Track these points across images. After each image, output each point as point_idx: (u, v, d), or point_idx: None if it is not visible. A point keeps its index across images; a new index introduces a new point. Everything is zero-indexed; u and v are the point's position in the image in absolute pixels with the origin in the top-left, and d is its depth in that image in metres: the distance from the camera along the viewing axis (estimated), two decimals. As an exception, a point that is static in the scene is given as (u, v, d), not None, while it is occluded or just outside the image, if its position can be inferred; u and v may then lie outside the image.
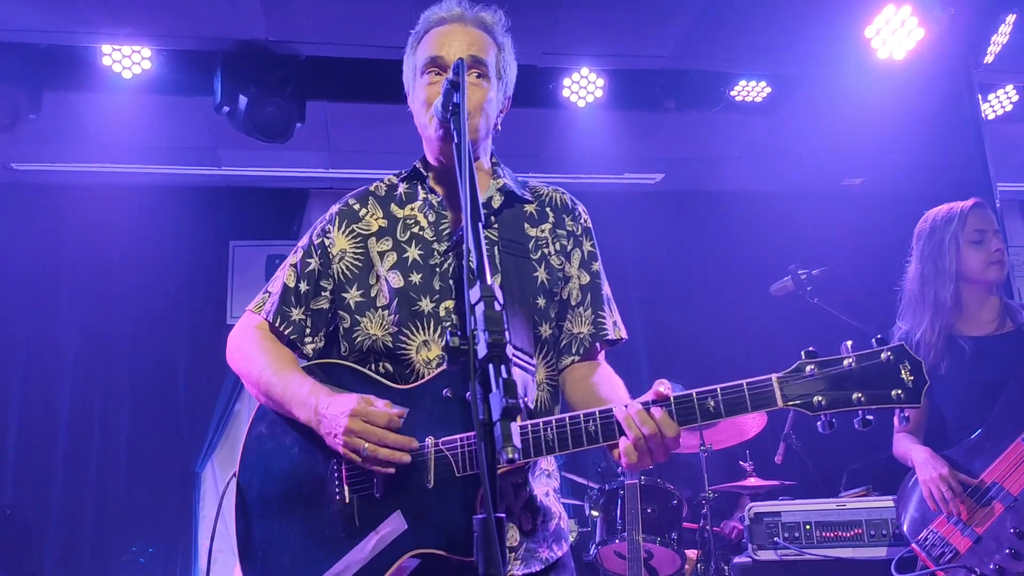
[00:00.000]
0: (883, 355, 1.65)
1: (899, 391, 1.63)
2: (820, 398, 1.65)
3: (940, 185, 7.35)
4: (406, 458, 1.77)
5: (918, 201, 7.35)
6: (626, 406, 1.72)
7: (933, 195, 7.45)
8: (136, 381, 6.94)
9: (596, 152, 6.69)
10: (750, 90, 6.02)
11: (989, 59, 5.20)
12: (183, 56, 5.43)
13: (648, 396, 1.73)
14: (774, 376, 1.68)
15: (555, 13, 5.15)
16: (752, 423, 5.19)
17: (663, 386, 1.71)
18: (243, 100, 5.32)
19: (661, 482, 4.90)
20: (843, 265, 5.52)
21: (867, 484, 4.67)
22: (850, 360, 1.66)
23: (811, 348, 1.70)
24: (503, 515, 1.31)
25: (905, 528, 3.28)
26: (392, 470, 1.77)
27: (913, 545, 3.18)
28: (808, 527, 3.96)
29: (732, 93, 6.01)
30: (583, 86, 5.83)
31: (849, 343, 1.68)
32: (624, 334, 2.18)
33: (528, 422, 1.78)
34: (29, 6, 4.82)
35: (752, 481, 5.10)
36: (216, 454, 6.97)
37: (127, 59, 5.31)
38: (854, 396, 1.64)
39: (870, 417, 1.64)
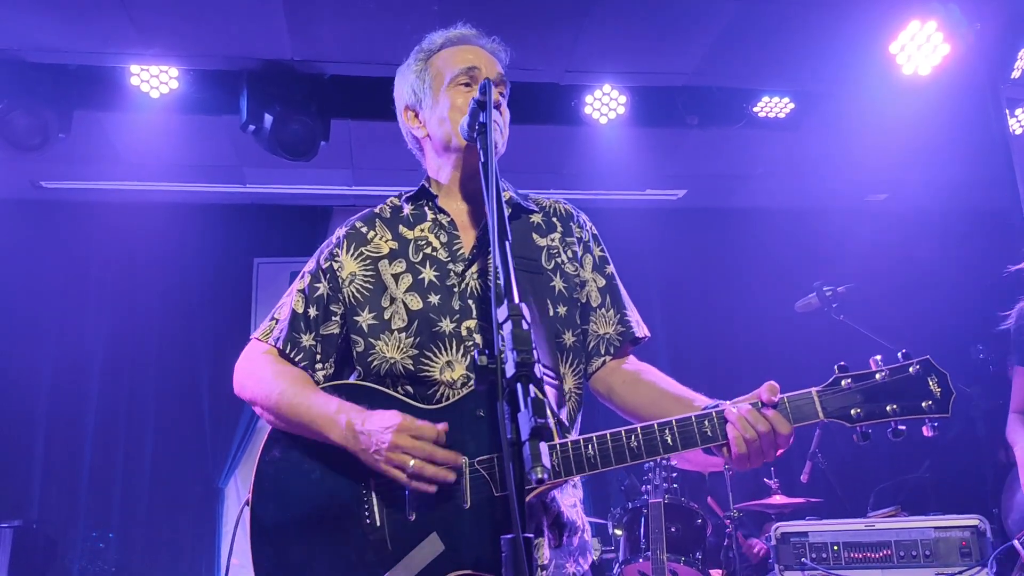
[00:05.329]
0: (911, 368, 1.74)
1: (929, 402, 1.71)
2: (857, 410, 1.72)
3: (966, 201, 7.32)
4: (452, 476, 1.73)
5: (943, 217, 7.36)
6: (735, 407, 1.75)
7: (959, 211, 7.45)
8: (160, 397, 7.00)
9: (618, 168, 6.69)
10: (773, 106, 6.00)
11: (1016, 74, 5.15)
12: (209, 76, 5.51)
13: (753, 397, 1.76)
14: (814, 390, 1.75)
15: (577, 31, 5.17)
16: (777, 441, 5.14)
17: (772, 388, 1.75)
18: (268, 119, 5.38)
19: (685, 501, 4.86)
20: (868, 281, 5.48)
21: (896, 504, 4.60)
22: (882, 374, 1.74)
23: (843, 363, 1.76)
24: (531, 535, 1.30)
25: (1009, 522, 3.21)
26: (434, 488, 1.73)
27: (1015, 542, 3.11)
28: (836, 548, 3.89)
29: (755, 109, 6.00)
30: (605, 103, 5.84)
31: (878, 357, 1.76)
32: (648, 332, 2.20)
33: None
34: (59, 28, 4.90)
35: (777, 499, 5.04)
36: (239, 470, 7.00)
37: (155, 79, 5.39)
38: (888, 408, 1.72)
39: (902, 427, 1.72)
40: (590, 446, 1.75)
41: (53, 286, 7.02)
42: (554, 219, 2.16)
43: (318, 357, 2.05)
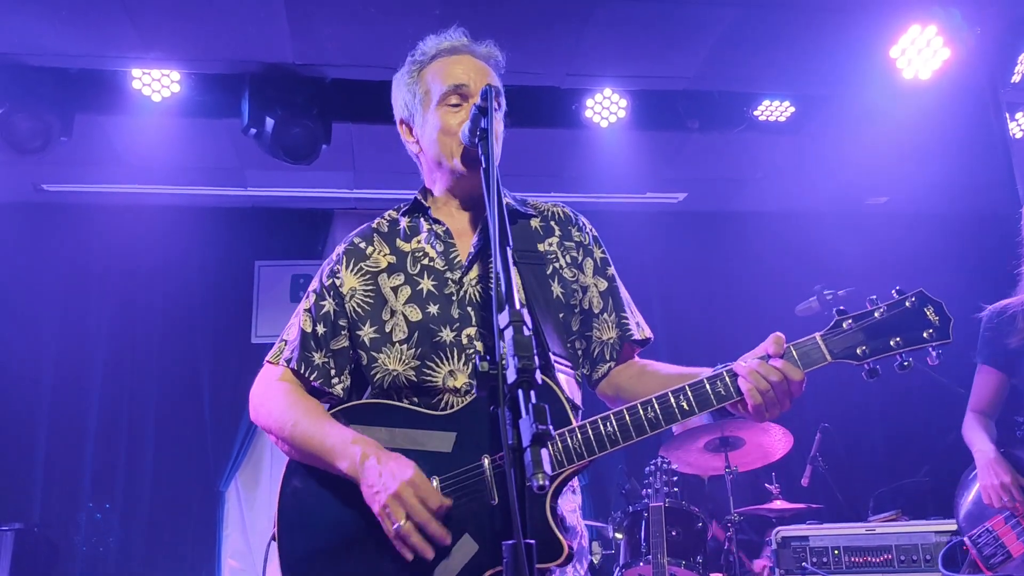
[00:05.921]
0: (907, 302, 1.79)
1: (930, 331, 1.75)
2: (863, 348, 1.76)
3: (966, 204, 7.32)
4: (431, 554, 1.73)
5: (943, 220, 7.37)
6: (744, 362, 1.80)
7: (959, 214, 7.45)
8: (161, 400, 7.00)
9: (619, 172, 6.69)
10: (774, 110, 6.01)
11: (1016, 78, 5.16)
12: (211, 79, 5.51)
13: (760, 351, 1.80)
14: (817, 335, 1.80)
15: (578, 34, 5.17)
16: (778, 445, 5.14)
17: (777, 340, 1.79)
18: (270, 122, 5.39)
19: (686, 504, 4.86)
20: (869, 284, 5.47)
21: (895, 508, 4.61)
22: (880, 311, 1.79)
23: (842, 307, 1.81)
24: (532, 541, 1.30)
25: (960, 520, 3.20)
26: (410, 557, 1.73)
27: (966, 539, 3.10)
28: (837, 552, 3.90)
29: (755, 113, 6.00)
30: (606, 107, 5.84)
31: (874, 296, 1.81)
32: (650, 334, 2.21)
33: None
34: (61, 31, 4.91)
35: (778, 504, 5.04)
36: (240, 473, 7.00)
37: (156, 82, 5.39)
38: (891, 341, 1.76)
39: (909, 359, 1.76)
40: (608, 423, 1.77)
41: (54, 289, 7.02)
42: (552, 223, 2.16)
43: (332, 372, 2.04)
